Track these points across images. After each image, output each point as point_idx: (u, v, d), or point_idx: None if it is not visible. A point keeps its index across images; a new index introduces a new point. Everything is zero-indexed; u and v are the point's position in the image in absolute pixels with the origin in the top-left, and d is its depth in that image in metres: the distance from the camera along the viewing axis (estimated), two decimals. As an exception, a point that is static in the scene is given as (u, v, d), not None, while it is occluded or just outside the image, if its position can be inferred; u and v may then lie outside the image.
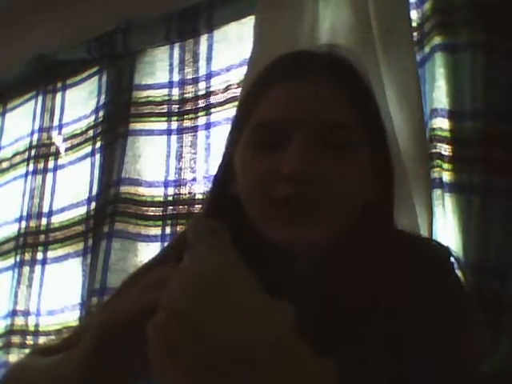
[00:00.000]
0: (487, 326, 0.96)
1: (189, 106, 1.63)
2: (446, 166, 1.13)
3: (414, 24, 1.23)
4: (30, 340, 1.77)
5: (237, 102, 1.44)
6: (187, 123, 1.62)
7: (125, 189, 1.64)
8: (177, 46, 1.68)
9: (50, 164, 1.92)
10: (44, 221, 1.87)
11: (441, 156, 1.14)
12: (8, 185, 2.05)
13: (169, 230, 1.58)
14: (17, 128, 2.09)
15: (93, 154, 1.79)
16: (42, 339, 1.75)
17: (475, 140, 1.09)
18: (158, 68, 1.71)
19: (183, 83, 1.65)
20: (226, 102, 1.55)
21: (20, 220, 1.92)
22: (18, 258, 1.87)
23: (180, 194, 1.58)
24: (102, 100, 1.81)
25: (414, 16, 1.25)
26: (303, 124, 0.65)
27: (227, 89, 1.56)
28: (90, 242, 1.71)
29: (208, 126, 1.58)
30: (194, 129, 1.60)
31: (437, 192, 1.13)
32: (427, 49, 1.21)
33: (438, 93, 1.16)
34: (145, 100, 1.70)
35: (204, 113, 1.59)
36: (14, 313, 1.82)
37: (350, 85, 0.70)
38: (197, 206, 1.54)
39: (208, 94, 1.60)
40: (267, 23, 1.37)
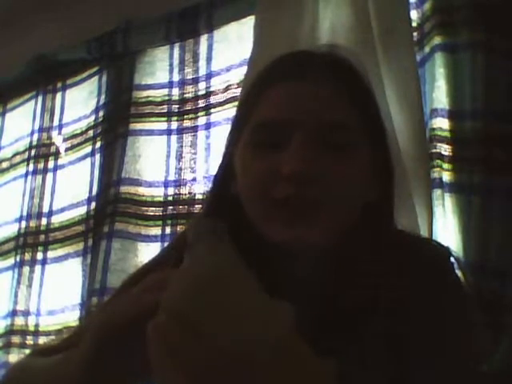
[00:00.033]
0: (487, 325, 0.96)
1: (189, 106, 1.63)
2: (446, 166, 1.13)
3: (414, 24, 1.23)
4: (30, 340, 1.77)
5: (237, 102, 1.44)
6: (187, 123, 1.62)
7: (125, 189, 1.64)
8: (177, 46, 1.68)
9: (50, 164, 1.92)
10: (44, 221, 1.87)
11: (441, 156, 1.14)
12: (8, 185, 2.05)
13: (169, 230, 1.58)
14: (17, 128, 2.09)
15: (93, 154, 1.79)
16: (42, 339, 1.75)
17: (475, 140, 1.09)
18: (157, 68, 1.71)
19: (183, 83, 1.65)
20: (226, 102, 1.55)
21: (20, 220, 1.92)
22: (18, 258, 1.87)
23: (180, 194, 1.58)
24: (102, 100, 1.81)
25: (414, 16, 1.25)
26: (303, 124, 0.65)
27: (227, 89, 1.56)
28: (90, 242, 1.71)
29: (208, 126, 1.58)
30: (194, 129, 1.60)
31: (437, 192, 1.13)
32: (427, 49, 1.21)
33: (438, 93, 1.16)
34: (145, 100, 1.70)
35: (204, 113, 1.59)
36: (14, 313, 1.82)
37: (350, 85, 0.70)
38: (197, 205, 1.54)
39: (208, 94, 1.60)
40: (267, 23, 1.37)
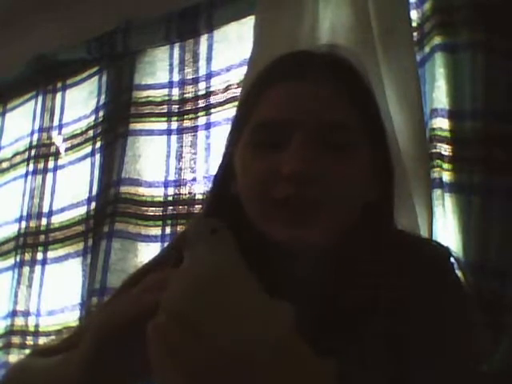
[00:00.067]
0: (487, 326, 0.96)
1: (189, 106, 1.63)
2: (446, 166, 1.13)
3: (414, 24, 1.23)
4: (30, 340, 1.77)
5: (237, 102, 1.44)
6: (187, 123, 1.62)
7: (125, 189, 1.64)
8: (177, 46, 1.68)
9: (50, 164, 1.92)
10: (44, 221, 1.86)
11: (441, 156, 1.14)
12: (8, 185, 2.05)
13: (169, 230, 1.58)
14: (17, 128, 2.09)
15: (93, 154, 1.79)
16: (42, 339, 1.75)
17: (475, 140, 1.09)
18: (158, 68, 1.71)
19: (183, 83, 1.65)
20: (226, 102, 1.55)
21: (20, 220, 1.92)
22: (18, 258, 1.87)
23: (180, 194, 1.58)
24: (102, 100, 1.81)
25: (414, 16, 1.24)
26: (303, 124, 0.65)
27: (227, 89, 1.56)
28: (90, 242, 1.71)
29: (208, 126, 1.58)
30: (194, 129, 1.60)
31: (437, 192, 1.13)
32: (427, 49, 1.21)
33: (438, 93, 1.16)
34: (145, 100, 1.70)
35: (204, 113, 1.59)
36: (13, 313, 1.82)
37: (350, 85, 0.70)
38: (197, 206, 1.54)
39: (208, 94, 1.60)
40: (267, 23, 1.37)
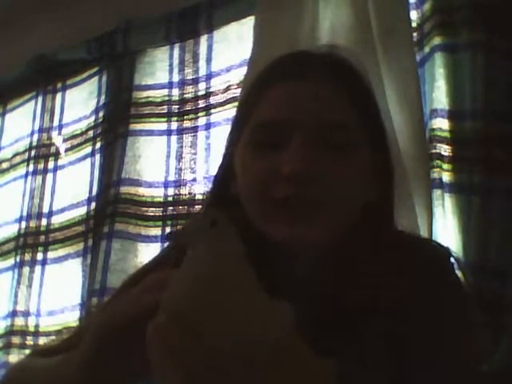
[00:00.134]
0: (487, 326, 0.96)
1: (189, 107, 1.62)
2: (446, 166, 1.13)
3: (414, 24, 1.23)
4: (30, 340, 1.77)
5: (237, 103, 1.44)
6: (187, 124, 1.62)
7: (125, 189, 1.63)
8: (177, 47, 1.68)
9: (50, 164, 1.92)
10: (44, 221, 1.86)
11: (441, 156, 1.14)
12: (8, 185, 2.05)
13: (169, 230, 1.58)
14: (17, 128, 2.09)
15: (93, 154, 1.79)
16: (42, 340, 1.75)
17: (475, 140, 1.09)
18: (157, 68, 1.71)
19: (183, 83, 1.65)
20: (226, 102, 1.55)
21: (20, 220, 1.92)
22: (18, 259, 1.87)
23: (180, 194, 1.58)
24: (102, 100, 1.81)
25: (414, 16, 1.24)
26: (303, 124, 0.65)
27: (227, 89, 1.56)
28: (90, 243, 1.70)
29: (208, 126, 1.58)
30: (194, 129, 1.60)
31: (437, 192, 1.13)
32: (427, 49, 1.21)
33: (438, 93, 1.16)
34: (145, 100, 1.70)
35: (204, 113, 1.59)
36: (14, 313, 1.82)
37: (350, 85, 0.70)
38: (197, 206, 1.54)
39: (208, 95, 1.59)
40: (267, 23, 1.36)
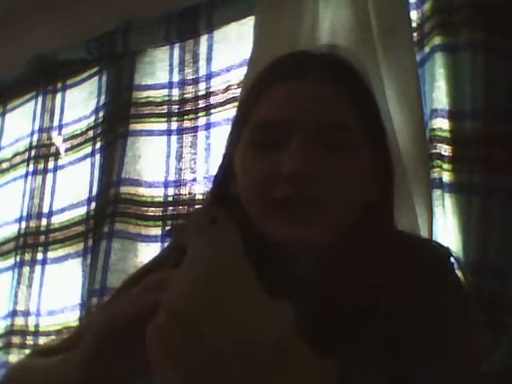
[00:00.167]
0: (487, 326, 0.96)
1: (189, 107, 1.62)
2: (446, 166, 1.13)
3: (414, 24, 1.23)
4: (30, 340, 1.77)
5: (237, 103, 1.44)
6: (187, 124, 1.62)
7: (125, 189, 1.63)
8: (177, 47, 1.68)
9: (50, 164, 1.91)
10: (44, 221, 1.86)
11: (441, 156, 1.14)
12: (8, 185, 2.05)
13: (168, 227, 1.58)
14: (17, 128, 2.08)
15: (93, 154, 1.79)
16: (42, 339, 1.75)
17: (475, 140, 1.09)
18: (157, 68, 1.71)
19: (183, 83, 1.64)
20: (226, 102, 1.55)
21: (20, 220, 1.92)
22: (18, 259, 1.87)
23: (180, 194, 1.58)
24: (102, 100, 1.81)
25: (414, 16, 1.24)
26: (303, 124, 0.65)
27: (227, 89, 1.56)
28: (90, 243, 1.70)
29: (208, 126, 1.58)
30: (194, 129, 1.60)
31: (437, 192, 1.13)
32: (427, 49, 1.21)
33: (438, 93, 1.16)
34: (145, 100, 1.70)
35: (204, 113, 1.59)
36: (14, 313, 1.82)
37: (350, 85, 0.70)
38: (197, 206, 1.54)
39: (208, 95, 1.59)
40: (267, 23, 1.36)
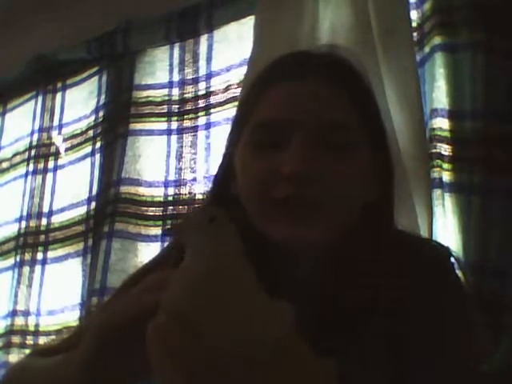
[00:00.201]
0: (487, 326, 0.96)
1: (189, 106, 1.62)
2: (446, 166, 1.13)
3: (414, 24, 1.23)
4: (30, 340, 1.77)
5: (237, 102, 1.44)
6: (187, 123, 1.62)
7: (125, 189, 1.63)
8: (177, 46, 1.68)
9: (50, 164, 1.91)
10: (44, 221, 1.86)
11: (441, 156, 1.14)
12: (8, 185, 2.05)
13: (168, 226, 1.58)
14: (17, 128, 2.09)
15: (93, 154, 1.79)
16: (42, 339, 1.75)
17: (475, 140, 1.09)
18: (157, 68, 1.71)
19: (183, 83, 1.65)
20: (226, 102, 1.55)
21: (20, 220, 1.92)
22: (18, 258, 1.87)
23: (180, 194, 1.58)
24: (102, 100, 1.81)
25: (414, 16, 1.24)
26: (303, 124, 0.65)
27: (227, 89, 1.56)
28: (90, 242, 1.71)
29: (208, 126, 1.58)
30: (194, 129, 1.60)
31: (437, 192, 1.13)
32: (427, 49, 1.21)
33: (438, 93, 1.16)
34: (145, 100, 1.70)
35: (204, 113, 1.59)
36: (14, 313, 1.82)
37: (350, 85, 0.70)
38: (197, 206, 1.54)
39: (208, 94, 1.60)
40: (267, 23, 1.36)
